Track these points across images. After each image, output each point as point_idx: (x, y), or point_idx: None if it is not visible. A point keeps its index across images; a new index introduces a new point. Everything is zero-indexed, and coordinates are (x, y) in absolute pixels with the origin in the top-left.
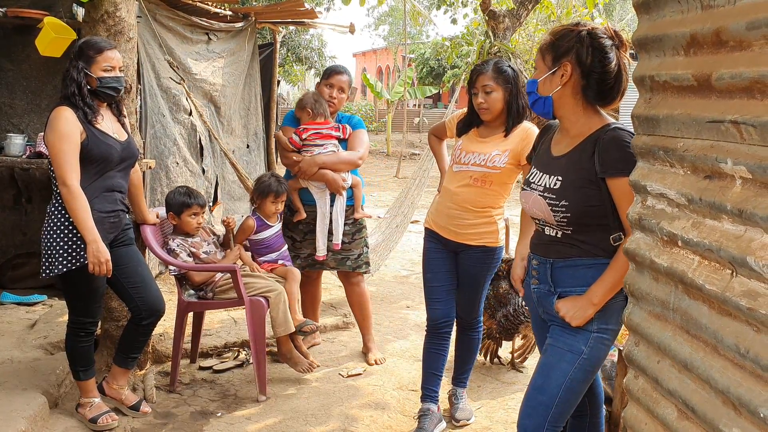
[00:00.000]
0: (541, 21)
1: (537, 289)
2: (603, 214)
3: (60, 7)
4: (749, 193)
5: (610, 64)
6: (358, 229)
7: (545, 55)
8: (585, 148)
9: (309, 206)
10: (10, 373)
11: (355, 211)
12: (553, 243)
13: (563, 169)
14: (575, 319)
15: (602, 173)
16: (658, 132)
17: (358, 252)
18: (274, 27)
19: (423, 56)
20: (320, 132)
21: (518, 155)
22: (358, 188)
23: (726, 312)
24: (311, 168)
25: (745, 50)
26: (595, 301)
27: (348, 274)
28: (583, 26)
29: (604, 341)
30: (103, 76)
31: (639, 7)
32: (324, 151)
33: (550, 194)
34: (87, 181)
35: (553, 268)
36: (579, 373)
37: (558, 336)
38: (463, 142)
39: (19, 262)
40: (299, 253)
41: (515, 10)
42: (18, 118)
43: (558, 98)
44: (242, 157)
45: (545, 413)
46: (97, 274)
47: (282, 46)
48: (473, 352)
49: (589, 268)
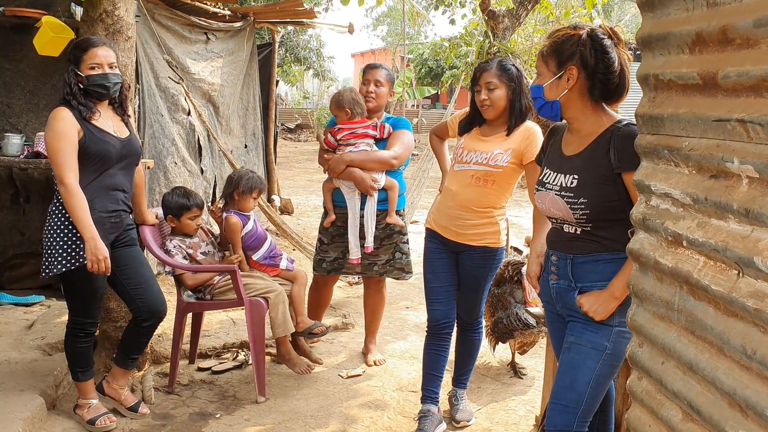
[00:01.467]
0: (540, 21)
1: (556, 285)
2: (621, 209)
3: (58, 6)
4: (756, 193)
5: (613, 64)
6: (388, 234)
7: (548, 61)
8: (599, 145)
9: (340, 208)
10: (8, 375)
11: (388, 215)
12: (573, 240)
13: (578, 168)
14: (598, 313)
15: (618, 168)
16: (663, 131)
17: (387, 257)
18: (273, 27)
19: (421, 57)
20: (355, 131)
21: (521, 154)
22: (393, 191)
23: (732, 313)
24: (339, 166)
25: (752, 48)
26: (617, 294)
27: (371, 278)
28: (581, 28)
29: (624, 335)
30: (90, 74)
31: (643, 6)
32: (355, 149)
33: (568, 193)
34: (87, 179)
35: (573, 263)
36: (604, 369)
37: (580, 333)
38: (465, 141)
39: (17, 262)
40: (325, 257)
41: (515, 10)
42: (16, 117)
43: (565, 101)
44: (240, 157)
45: (575, 410)
46: (95, 272)
47: (280, 46)
48: (474, 353)
49: (609, 263)
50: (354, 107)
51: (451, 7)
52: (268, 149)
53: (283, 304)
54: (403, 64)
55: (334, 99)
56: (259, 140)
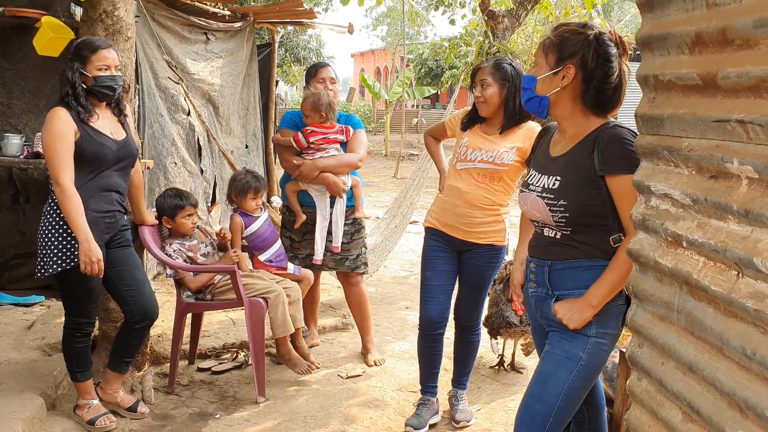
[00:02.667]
0: (539, 21)
1: (534, 293)
2: (602, 214)
3: (58, 6)
4: (756, 194)
5: (612, 74)
6: (357, 229)
7: (548, 53)
8: (584, 146)
9: (307, 207)
10: (7, 375)
11: (355, 210)
12: (552, 244)
13: (562, 169)
14: (573, 321)
15: (602, 171)
16: (663, 131)
17: (357, 252)
18: (273, 27)
19: (421, 57)
20: (327, 137)
21: (525, 153)
22: (357, 188)
23: (732, 313)
24: (312, 172)
25: (751, 48)
26: (594, 303)
27: (347, 275)
28: (590, 29)
29: (602, 346)
30: (98, 75)
31: (643, 6)
32: (325, 155)
33: (549, 194)
34: (82, 180)
35: (551, 270)
36: (577, 381)
37: (556, 342)
38: (469, 139)
39: (17, 262)
40: (297, 254)
41: (514, 10)
42: (16, 118)
43: (555, 99)
44: (241, 158)
45: (543, 422)
46: (88, 273)
47: (280, 46)
48: (473, 354)
49: (587, 270)
50: (329, 112)
51: (451, 7)
52: (267, 150)
53: (283, 304)
54: (403, 64)
55: (312, 100)
56: (259, 140)
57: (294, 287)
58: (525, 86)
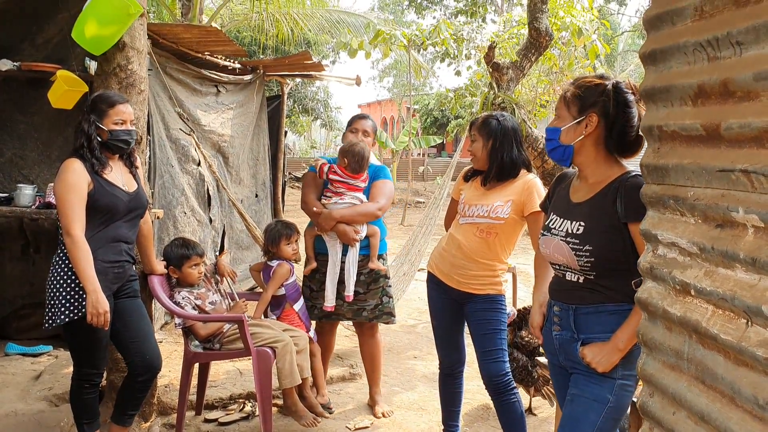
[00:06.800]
0: (543, 72)
1: (559, 336)
2: (625, 259)
3: (73, 60)
4: (762, 242)
5: (633, 118)
6: (374, 279)
7: (570, 105)
8: (607, 194)
9: (323, 255)
10: (14, 426)
11: (370, 260)
12: (576, 289)
13: (585, 215)
14: (601, 364)
15: (625, 218)
16: (668, 181)
17: (375, 302)
18: (282, 79)
19: (427, 107)
20: (349, 182)
21: (521, 206)
22: (375, 237)
23: (742, 362)
24: (329, 223)
25: (753, 100)
26: (621, 346)
27: (363, 324)
28: (608, 79)
29: (628, 388)
30: (114, 129)
31: (646, 59)
32: (341, 201)
33: (574, 239)
34: (92, 230)
35: (576, 314)
36: (606, 423)
37: (583, 385)
38: (465, 196)
39: (25, 312)
40: (316, 303)
41: (518, 62)
42: (28, 169)
43: (579, 147)
44: (251, 207)
45: None
46: (95, 325)
47: (289, 97)
48: (518, 420)
49: (613, 314)
50: (363, 163)
51: (456, 59)
52: (276, 198)
53: (290, 354)
54: (409, 114)
55: (351, 149)
56: (268, 189)
57: (302, 335)
58: (549, 137)
